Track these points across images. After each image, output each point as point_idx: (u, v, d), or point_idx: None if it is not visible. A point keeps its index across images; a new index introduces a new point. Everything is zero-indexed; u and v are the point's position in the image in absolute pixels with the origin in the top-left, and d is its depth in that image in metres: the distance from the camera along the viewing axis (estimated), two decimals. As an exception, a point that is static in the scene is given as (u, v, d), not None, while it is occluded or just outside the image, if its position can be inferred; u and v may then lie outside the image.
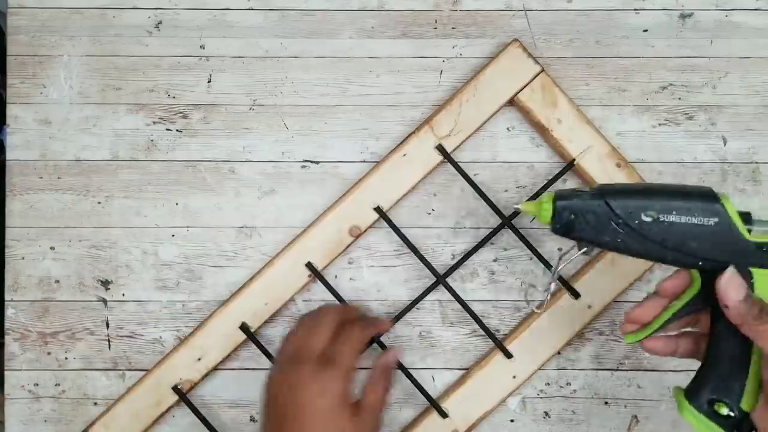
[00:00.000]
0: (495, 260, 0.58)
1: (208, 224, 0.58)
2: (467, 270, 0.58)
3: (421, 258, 0.56)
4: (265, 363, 0.57)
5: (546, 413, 0.58)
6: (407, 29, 0.59)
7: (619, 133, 0.58)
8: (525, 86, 0.56)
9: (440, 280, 0.56)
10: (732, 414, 0.39)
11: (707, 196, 0.39)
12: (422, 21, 0.59)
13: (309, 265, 0.56)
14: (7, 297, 0.58)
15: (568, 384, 0.58)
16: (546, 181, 0.57)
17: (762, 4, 0.59)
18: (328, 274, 0.58)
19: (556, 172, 0.58)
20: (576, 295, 0.56)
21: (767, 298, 0.38)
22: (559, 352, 0.58)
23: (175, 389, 0.56)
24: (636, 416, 0.58)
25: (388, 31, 0.59)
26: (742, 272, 0.39)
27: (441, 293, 0.58)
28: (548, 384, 0.58)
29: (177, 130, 0.59)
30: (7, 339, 0.58)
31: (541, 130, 0.57)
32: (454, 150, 0.57)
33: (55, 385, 0.58)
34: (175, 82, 0.59)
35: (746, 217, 0.39)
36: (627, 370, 0.58)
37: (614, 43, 0.59)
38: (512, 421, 0.58)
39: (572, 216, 0.40)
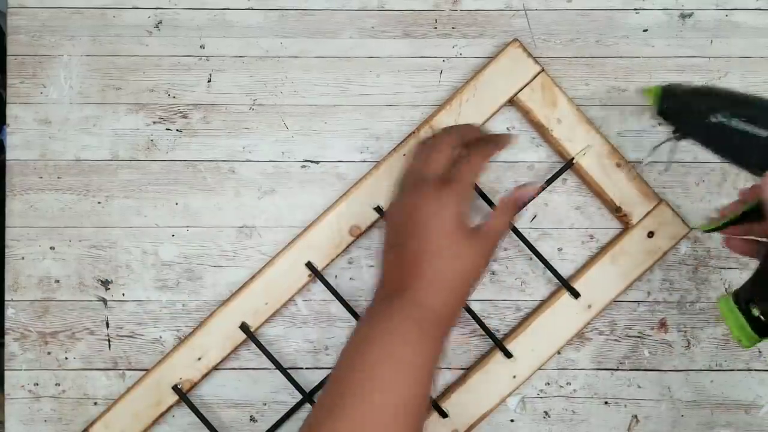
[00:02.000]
0: (495, 260, 0.58)
1: (208, 224, 0.58)
2: (467, 270, 0.58)
3: None
4: (266, 363, 0.57)
5: (546, 413, 0.58)
6: (407, 29, 0.59)
7: (619, 132, 0.58)
8: (525, 86, 0.56)
9: None
10: (762, 318, 0.42)
11: None
12: (422, 21, 0.59)
13: (309, 265, 0.56)
14: (7, 297, 0.58)
15: (568, 384, 0.58)
16: (544, 181, 0.57)
17: (762, 4, 0.59)
18: (329, 274, 0.58)
19: (556, 171, 0.58)
20: (576, 295, 0.56)
21: None
22: (559, 352, 0.58)
23: (175, 389, 0.56)
24: (636, 416, 0.58)
25: (388, 30, 0.59)
26: None
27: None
28: (548, 384, 0.58)
29: (177, 130, 0.59)
30: (7, 339, 0.58)
31: (540, 129, 0.57)
32: (454, 150, 0.56)
33: (55, 385, 0.58)
34: (175, 82, 0.59)
35: None
36: (627, 370, 0.58)
37: (614, 43, 0.59)
38: (512, 421, 0.58)
39: (669, 103, 0.46)
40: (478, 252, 0.46)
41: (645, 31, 0.59)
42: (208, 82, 0.59)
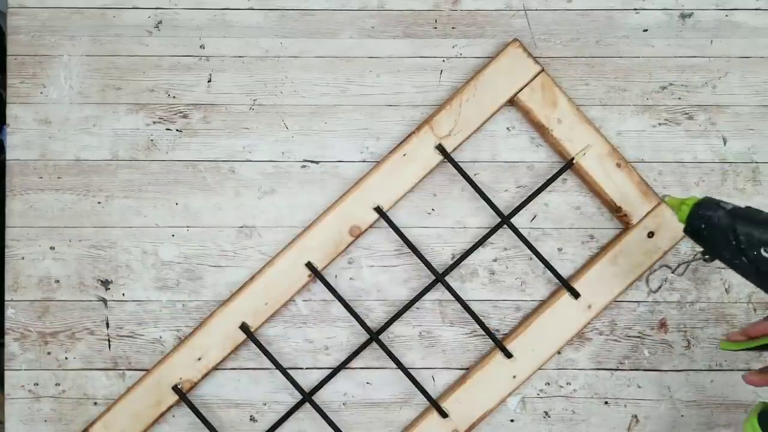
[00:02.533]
0: (495, 260, 0.58)
1: (208, 224, 0.58)
2: (467, 270, 0.58)
3: (421, 257, 0.56)
4: (266, 363, 0.57)
5: (546, 413, 0.58)
6: (407, 29, 0.59)
7: (619, 132, 0.58)
8: (525, 86, 0.56)
9: (439, 278, 0.56)
10: None
11: None
12: (422, 21, 0.59)
13: (309, 265, 0.56)
14: (7, 297, 0.58)
15: (568, 384, 0.58)
16: (545, 181, 0.57)
17: (762, 4, 0.59)
18: (328, 274, 0.58)
19: (556, 171, 0.58)
20: (576, 295, 0.56)
21: None
22: (559, 352, 0.58)
23: (175, 389, 0.56)
24: (636, 416, 0.58)
25: (388, 30, 0.59)
26: None
27: (441, 293, 0.58)
28: (548, 384, 0.58)
29: (177, 130, 0.59)
30: (7, 339, 0.58)
31: (540, 129, 0.57)
32: (454, 150, 0.57)
33: (55, 384, 0.58)
34: (175, 82, 0.59)
35: None
36: (627, 370, 0.58)
37: (614, 43, 0.59)
38: (512, 421, 0.58)
39: (703, 225, 0.44)
40: None
41: (645, 31, 0.59)
42: (208, 82, 0.59)
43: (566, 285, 0.56)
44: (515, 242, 0.58)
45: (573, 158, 0.56)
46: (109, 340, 0.58)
